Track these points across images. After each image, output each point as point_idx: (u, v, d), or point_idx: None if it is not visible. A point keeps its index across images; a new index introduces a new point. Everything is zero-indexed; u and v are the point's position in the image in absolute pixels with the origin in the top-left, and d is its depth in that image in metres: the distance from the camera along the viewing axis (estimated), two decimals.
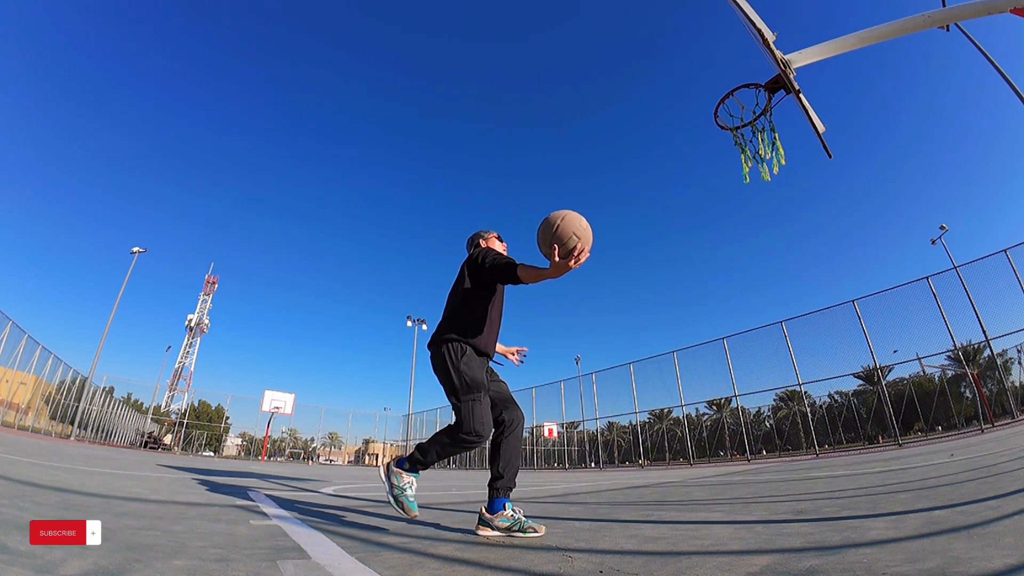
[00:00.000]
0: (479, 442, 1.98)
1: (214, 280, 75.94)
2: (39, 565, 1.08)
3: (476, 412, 1.98)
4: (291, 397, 24.87)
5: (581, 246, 1.77)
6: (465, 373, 2.02)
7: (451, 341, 2.08)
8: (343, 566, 1.30)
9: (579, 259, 1.75)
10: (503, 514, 1.90)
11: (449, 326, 2.13)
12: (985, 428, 12.39)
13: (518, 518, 1.89)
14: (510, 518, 1.89)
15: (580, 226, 1.82)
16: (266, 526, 1.97)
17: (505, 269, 2.00)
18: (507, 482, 2.02)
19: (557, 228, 1.81)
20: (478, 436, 1.96)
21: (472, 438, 1.96)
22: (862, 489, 3.19)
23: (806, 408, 18.54)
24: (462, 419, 1.99)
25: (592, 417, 21.92)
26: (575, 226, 1.81)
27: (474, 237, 2.50)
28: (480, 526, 1.93)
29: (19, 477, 2.99)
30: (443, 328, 2.15)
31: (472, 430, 1.95)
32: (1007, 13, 3.17)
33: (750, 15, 3.75)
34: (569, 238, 1.78)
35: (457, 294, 2.21)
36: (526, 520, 1.89)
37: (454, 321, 2.14)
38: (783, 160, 4.09)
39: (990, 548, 1.21)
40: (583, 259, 1.76)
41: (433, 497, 4.03)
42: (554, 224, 1.82)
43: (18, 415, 19.73)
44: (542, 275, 1.88)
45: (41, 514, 1.79)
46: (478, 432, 1.96)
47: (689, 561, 1.34)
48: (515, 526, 1.87)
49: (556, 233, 1.80)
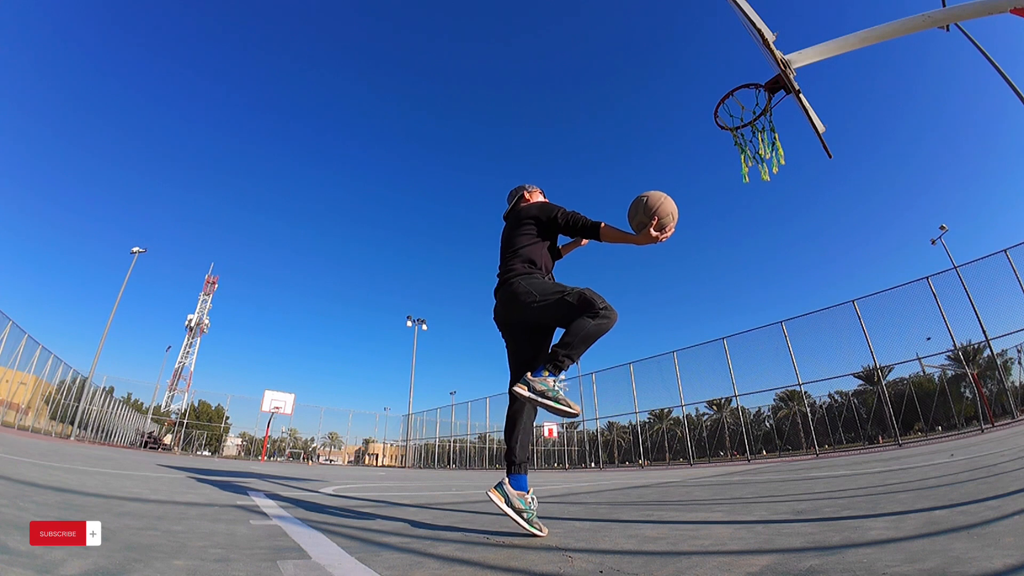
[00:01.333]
0: (615, 315, 1.92)
1: (214, 280, 75.99)
2: (39, 565, 1.08)
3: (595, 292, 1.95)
4: (291, 397, 24.87)
5: (672, 227, 2.05)
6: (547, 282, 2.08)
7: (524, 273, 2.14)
8: (343, 566, 1.30)
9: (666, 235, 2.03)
10: (525, 496, 1.86)
11: (518, 265, 2.17)
12: (985, 428, 12.38)
13: (533, 508, 1.86)
14: (528, 503, 1.85)
15: (675, 210, 2.07)
16: (266, 526, 1.97)
17: (589, 225, 2.11)
18: (526, 457, 1.99)
19: (661, 204, 2.03)
20: (608, 308, 1.90)
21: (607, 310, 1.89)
22: (862, 489, 3.18)
23: (806, 408, 18.55)
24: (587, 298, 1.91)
25: (592, 417, 21.92)
26: (673, 209, 2.06)
27: (518, 189, 2.57)
28: (498, 493, 1.87)
29: (19, 477, 2.99)
30: (512, 268, 2.18)
31: (604, 303, 1.90)
32: (1007, 13, 3.17)
33: (750, 15, 3.75)
34: (667, 215, 2.04)
35: (519, 240, 2.25)
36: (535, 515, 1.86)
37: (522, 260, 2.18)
38: (783, 160, 4.09)
39: (990, 548, 1.21)
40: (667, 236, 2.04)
41: (433, 497, 4.03)
42: (659, 200, 2.05)
43: (18, 415, 19.74)
44: (627, 239, 2.07)
45: (41, 514, 1.79)
46: (607, 304, 1.91)
47: (689, 561, 1.34)
48: (528, 514, 1.83)
49: (660, 208, 2.02)
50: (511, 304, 2.16)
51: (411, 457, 30.81)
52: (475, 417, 27.97)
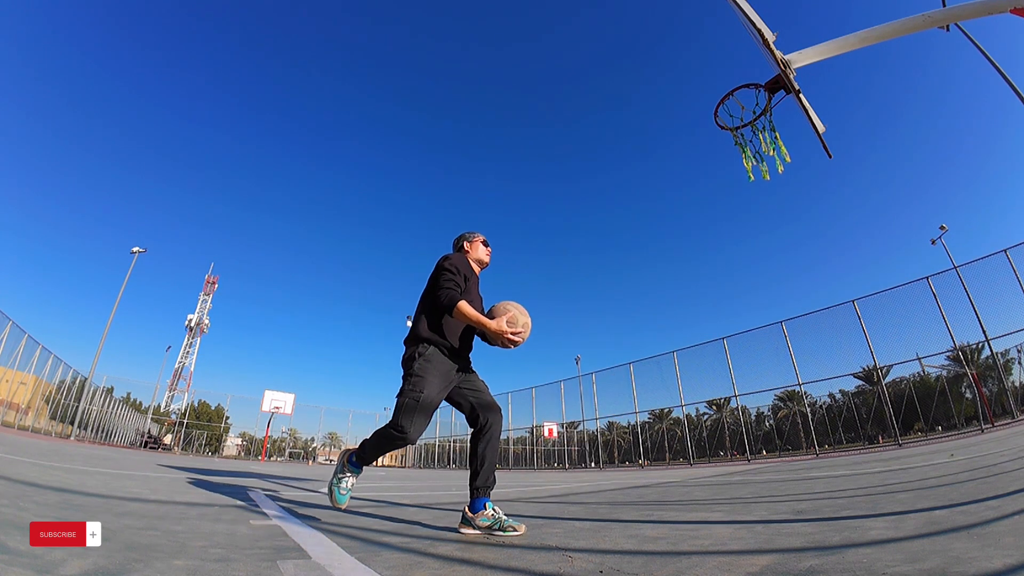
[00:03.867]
0: (404, 439, 2.05)
1: (214, 280, 75.93)
2: (39, 565, 1.08)
3: (409, 409, 2.04)
4: (291, 397, 24.85)
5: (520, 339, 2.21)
6: (416, 373, 2.09)
7: (420, 341, 2.16)
8: (343, 566, 1.31)
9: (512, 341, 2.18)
10: (484, 513, 1.97)
11: (420, 326, 2.20)
12: (985, 428, 12.38)
13: (498, 517, 1.95)
14: (490, 517, 1.95)
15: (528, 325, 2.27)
16: (266, 526, 1.97)
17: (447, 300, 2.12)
18: (485, 481, 2.07)
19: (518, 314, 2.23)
20: (402, 432, 2.03)
21: (397, 433, 2.03)
22: (862, 489, 3.18)
23: (806, 408, 18.51)
24: (395, 412, 2.07)
25: (592, 417, 21.94)
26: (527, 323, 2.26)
27: (459, 239, 2.54)
28: (463, 525, 2.01)
29: (19, 477, 2.99)
30: (414, 327, 2.23)
31: (398, 424, 2.03)
32: (1007, 13, 3.17)
33: (750, 15, 3.75)
34: (524, 325, 2.24)
35: (427, 296, 2.27)
36: (506, 519, 1.95)
37: (424, 322, 2.21)
38: (787, 158, 4.09)
39: (990, 548, 1.21)
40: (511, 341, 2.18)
41: (433, 497, 4.04)
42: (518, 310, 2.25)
43: (18, 415, 19.73)
44: (479, 323, 2.12)
45: (41, 514, 1.79)
46: (403, 428, 2.02)
47: (689, 561, 1.34)
48: (495, 525, 1.93)
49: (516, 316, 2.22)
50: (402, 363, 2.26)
51: (411, 457, 30.80)
52: None
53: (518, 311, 2.26)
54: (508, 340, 2.17)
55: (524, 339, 2.23)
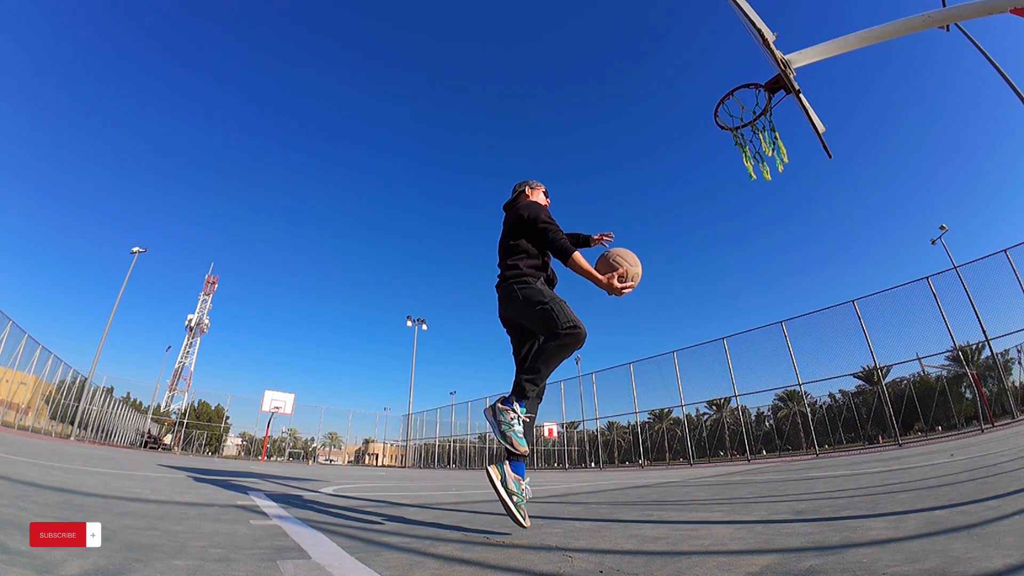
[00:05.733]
0: (579, 333, 1.97)
1: (214, 280, 75.97)
2: (39, 565, 1.08)
3: (563, 307, 2.02)
4: (291, 397, 24.85)
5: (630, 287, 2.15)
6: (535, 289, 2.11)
7: (514, 278, 2.18)
8: (343, 566, 1.31)
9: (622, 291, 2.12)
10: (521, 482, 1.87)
11: (511, 267, 2.23)
12: (985, 428, 12.39)
13: (525, 496, 1.88)
14: (522, 490, 1.87)
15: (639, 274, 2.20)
16: (266, 526, 1.97)
17: (561, 249, 2.15)
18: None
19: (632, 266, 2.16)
20: (574, 326, 1.96)
21: (570, 329, 1.96)
22: (862, 489, 3.18)
23: (806, 408, 18.52)
24: (554, 317, 1.99)
25: (592, 417, 21.95)
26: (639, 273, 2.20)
27: (521, 184, 2.58)
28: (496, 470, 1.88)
29: (19, 477, 2.99)
30: (507, 268, 2.25)
31: (568, 320, 1.96)
32: (1007, 13, 3.17)
33: (750, 15, 3.75)
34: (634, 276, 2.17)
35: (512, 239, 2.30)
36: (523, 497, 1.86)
37: (514, 261, 2.24)
38: (786, 158, 4.09)
39: (990, 548, 1.21)
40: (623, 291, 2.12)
41: (433, 497, 4.04)
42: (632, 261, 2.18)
43: (18, 415, 19.72)
44: (591, 275, 2.11)
45: (41, 514, 1.79)
46: (573, 322, 1.96)
47: (689, 561, 1.34)
48: (517, 498, 1.84)
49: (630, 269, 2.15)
50: (504, 305, 2.26)
51: (411, 457, 30.80)
52: (475, 417, 28.00)
53: (629, 264, 2.17)
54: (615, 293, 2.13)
55: (633, 289, 2.18)
